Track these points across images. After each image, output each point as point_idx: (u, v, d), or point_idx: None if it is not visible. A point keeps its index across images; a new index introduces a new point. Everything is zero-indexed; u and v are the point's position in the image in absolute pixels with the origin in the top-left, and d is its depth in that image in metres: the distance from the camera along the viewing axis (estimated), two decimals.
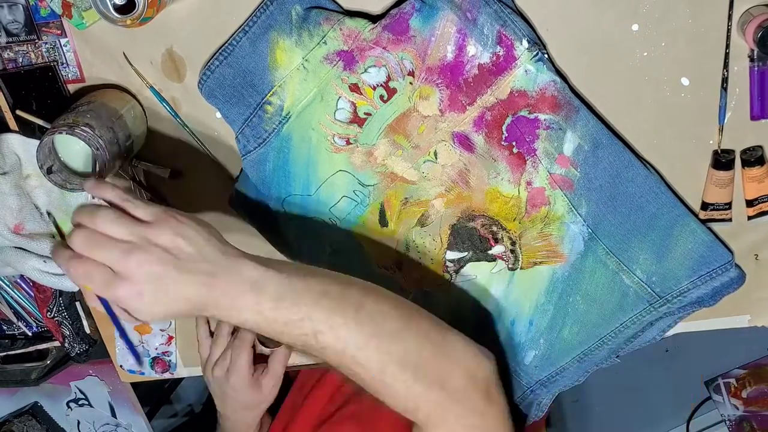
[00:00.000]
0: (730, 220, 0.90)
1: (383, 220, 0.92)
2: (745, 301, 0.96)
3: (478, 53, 0.82)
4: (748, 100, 0.85)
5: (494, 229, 0.91)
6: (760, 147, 0.87)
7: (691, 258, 0.88)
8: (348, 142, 0.88)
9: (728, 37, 0.82)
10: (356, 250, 0.94)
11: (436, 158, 0.88)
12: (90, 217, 0.66)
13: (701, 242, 0.88)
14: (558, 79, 0.83)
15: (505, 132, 0.85)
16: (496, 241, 0.91)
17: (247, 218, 0.95)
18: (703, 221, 0.90)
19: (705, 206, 0.90)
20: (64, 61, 0.90)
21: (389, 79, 0.84)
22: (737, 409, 1.72)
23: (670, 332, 0.95)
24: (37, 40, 0.89)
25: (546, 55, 0.82)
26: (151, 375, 1.11)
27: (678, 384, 1.79)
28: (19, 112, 0.89)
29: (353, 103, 0.86)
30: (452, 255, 0.93)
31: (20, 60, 0.90)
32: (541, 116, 0.84)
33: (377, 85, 0.85)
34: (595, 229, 0.88)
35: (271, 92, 0.87)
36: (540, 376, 0.96)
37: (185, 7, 0.86)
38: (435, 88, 0.84)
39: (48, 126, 0.86)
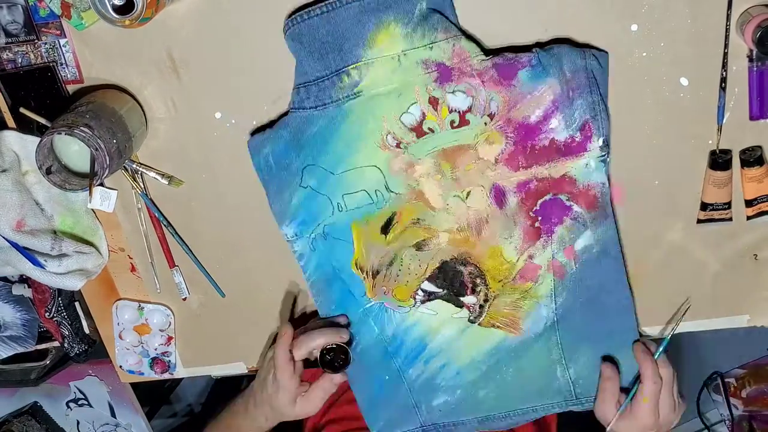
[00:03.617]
0: (730, 219, 0.90)
1: (386, 228, 0.92)
2: (745, 301, 0.96)
3: (558, 129, 0.84)
4: (747, 100, 0.85)
5: (477, 281, 0.93)
6: (759, 147, 0.87)
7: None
8: (398, 146, 0.87)
9: (727, 37, 0.82)
10: (344, 242, 0.93)
11: (466, 198, 0.89)
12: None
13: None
14: (607, 184, 0.86)
15: (538, 206, 0.88)
16: (473, 292, 0.93)
17: (258, 167, 0.92)
18: (703, 221, 0.91)
19: (704, 206, 0.90)
20: (63, 62, 0.90)
21: (469, 110, 0.85)
22: (737, 408, 1.72)
23: None
24: (36, 41, 0.89)
25: (609, 159, 0.86)
26: (150, 375, 1.11)
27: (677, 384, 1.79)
28: (22, 110, 0.89)
29: (424, 114, 0.86)
30: (428, 286, 0.94)
31: (19, 60, 0.90)
32: (576, 207, 0.87)
33: (455, 110, 0.85)
34: (560, 319, 0.93)
35: (354, 65, 0.84)
36: (438, 421, 1.00)
37: (184, 7, 0.86)
38: (504, 138, 0.86)
39: (49, 124, 0.86)
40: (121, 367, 1.11)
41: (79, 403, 1.58)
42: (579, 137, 0.84)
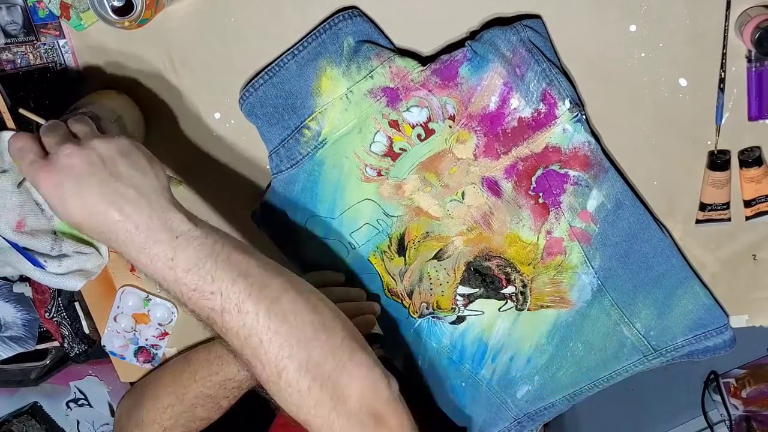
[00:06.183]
0: (728, 219, 0.91)
1: (401, 250, 0.94)
2: (743, 301, 0.96)
3: (521, 107, 0.84)
4: (745, 101, 0.85)
5: (508, 270, 0.93)
6: (758, 147, 0.87)
7: (690, 318, 0.92)
8: (379, 174, 0.90)
9: (725, 38, 0.82)
10: (370, 275, 0.96)
11: (462, 198, 0.90)
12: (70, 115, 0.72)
13: (701, 305, 0.92)
14: (593, 141, 0.85)
15: (534, 183, 0.88)
16: (509, 281, 0.94)
17: (268, 234, 0.96)
18: (702, 222, 0.91)
19: (703, 207, 0.90)
20: (63, 63, 0.90)
21: (429, 120, 0.86)
22: (737, 408, 1.72)
23: None
24: (35, 42, 0.89)
25: (585, 117, 0.85)
26: (131, 362, 1.10)
27: (677, 384, 1.79)
28: (21, 111, 0.89)
29: (390, 138, 0.88)
30: (464, 290, 0.95)
31: (19, 61, 0.90)
32: (571, 172, 0.87)
33: (417, 124, 0.87)
34: (604, 281, 0.92)
35: (310, 117, 0.88)
36: (529, 410, 1.00)
37: (183, 8, 0.86)
38: (473, 134, 0.86)
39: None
40: (104, 346, 1.10)
41: (79, 403, 1.58)
42: (544, 107, 0.84)
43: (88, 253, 0.98)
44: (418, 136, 0.87)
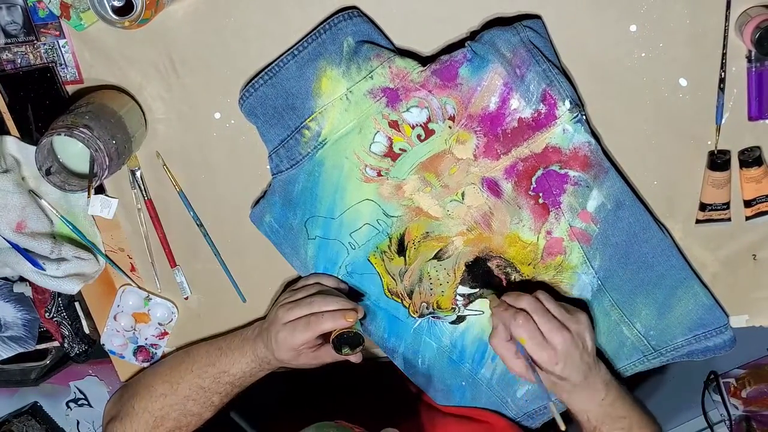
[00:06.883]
0: (729, 219, 0.91)
1: (401, 250, 0.94)
2: (744, 301, 0.96)
3: (521, 108, 0.84)
4: (745, 101, 0.85)
5: (508, 270, 0.93)
6: (758, 147, 0.87)
7: (690, 318, 0.93)
8: (379, 174, 0.90)
9: (726, 38, 0.82)
10: (370, 275, 0.96)
11: (462, 199, 0.90)
12: (533, 294, 0.86)
13: (701, 305, 0.92)
14: (593, 141, 0.85)
15: (534, 183, 0.88)
16: (509, 282, 0.94)
17: (268, 234, 0.96)
18: (702, 222, 0.91)
19: (703, 207, 0.90)
20: (63, 62, 0.90)
21: (429, 120, 0.87)
22: (737, 408, 1.72)
23: None
24: (35, 42, 0.89)
25: (585, 117, 0.85)
26: (130, 361, 1.09)
27: (677, 384, 1.79)
28: None
29: (390, 138, 0.88)
30: (464, 290, 0.95)
31: (19, 61, 0.90)
32: (572, 173, 0.87)
33: (416, 125, 0.87)
34: (604, 281, 0.92)
35: (311, 117, 0.88)
36: (528, 409, 1.00)
37: (183, 8, 0.86)
38: (473, 134, 0.86)
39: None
40: (103, 344, 1.09)
41: (79, 403, 1.58)
42: (544, 108, 0.84)
43: (87, 258, 0.99)
44: (418, 136, 0.87)
